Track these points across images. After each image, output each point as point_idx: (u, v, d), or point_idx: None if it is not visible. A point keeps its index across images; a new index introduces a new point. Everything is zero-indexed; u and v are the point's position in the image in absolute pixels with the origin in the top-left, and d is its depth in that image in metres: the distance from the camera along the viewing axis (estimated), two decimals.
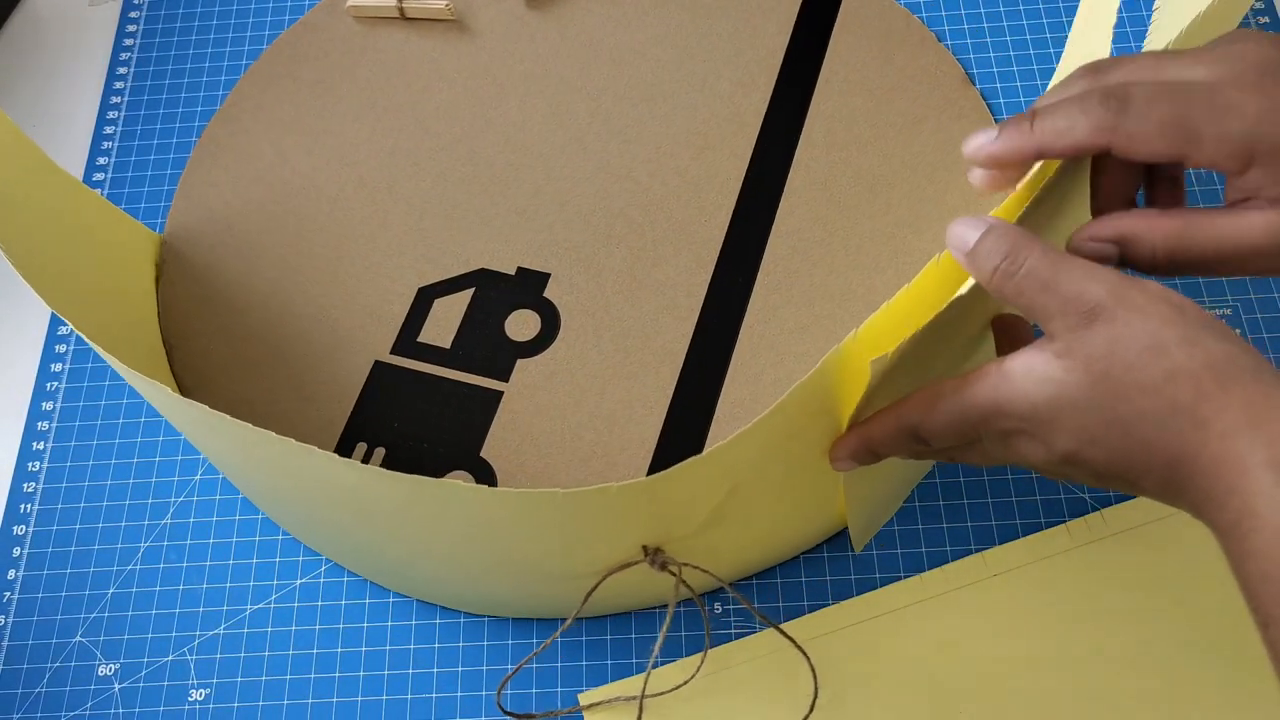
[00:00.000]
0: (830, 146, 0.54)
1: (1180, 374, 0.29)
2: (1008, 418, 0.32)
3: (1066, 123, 0.33)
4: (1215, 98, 0.31)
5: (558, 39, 0.59)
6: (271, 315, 0.52)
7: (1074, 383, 0.31)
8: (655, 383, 0.49)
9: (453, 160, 0.56)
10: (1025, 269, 0.32)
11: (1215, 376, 0.29)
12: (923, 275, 0.34)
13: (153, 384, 0.35)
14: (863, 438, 0.36)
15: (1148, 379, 0.30)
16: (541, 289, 0.52)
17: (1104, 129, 0.32)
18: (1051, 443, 0.32)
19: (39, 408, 0.53)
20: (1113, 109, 0.32)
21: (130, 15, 0.64)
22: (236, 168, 0.57)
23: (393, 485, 0.34)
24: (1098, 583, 0.44)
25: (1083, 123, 0.33)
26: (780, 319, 0.50)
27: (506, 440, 0.48)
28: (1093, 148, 0.33)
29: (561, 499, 0.33)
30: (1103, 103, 0.32)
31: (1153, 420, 0.30)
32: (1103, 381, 0.30)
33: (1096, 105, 0.32)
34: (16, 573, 0.49)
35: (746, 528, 0.41)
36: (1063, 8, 0.59)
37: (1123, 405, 0.30)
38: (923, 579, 0.45)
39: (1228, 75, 0.32)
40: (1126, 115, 0.32)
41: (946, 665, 0.44)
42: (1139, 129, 0.32)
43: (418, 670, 0.46)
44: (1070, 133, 0.33)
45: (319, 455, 0.33)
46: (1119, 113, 0.32)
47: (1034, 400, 0.31)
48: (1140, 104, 0.32)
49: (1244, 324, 0.50)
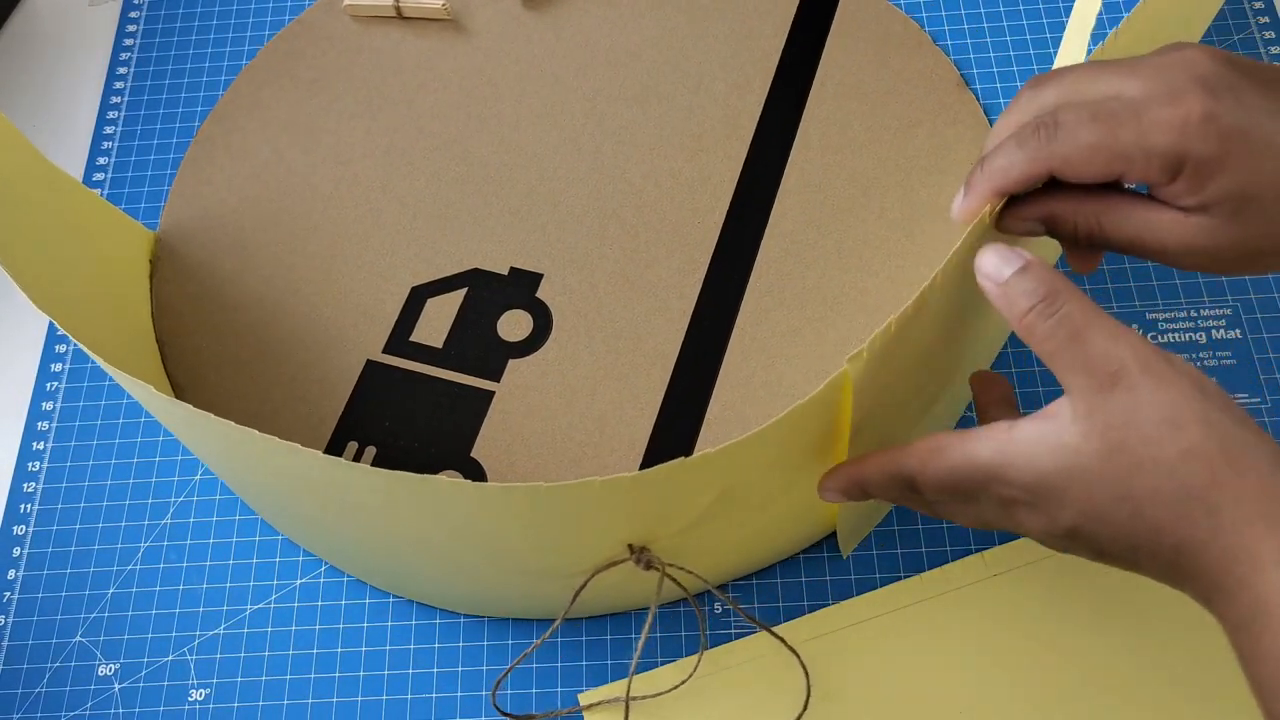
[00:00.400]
0: (825, 149, 0.54)
1: (1196, 453, 0.29)
2: (1010, 485, 0.32)
3: (1006, 160, 0.34)
4: (1143, 115, 0.32)
5: (554, 39, 0.59)
6: (265, 313, 0.53)
7: (1089, 451, 0.30)
8: (646, 384, 0.49)
9: (447, 160, 0.56)
10: (1060, 315, 0.31)
11: (1230, 461, 0.29)
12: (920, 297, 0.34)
13: (138, 382, 0.35)
14: (854, 477, 0.36)
15: (1163, 455, 0.29)
16: (534, 289, 0.52)
17: (1040, 158, 0.33)
18: (1056, 515, 0.31)
19: (39, 408, 0.53)
20: (1043, 138, 0.33)
21: (130, 15, 0.64)
22: (232, 166, 0.57)
23: (378, 482, 0.34)
24: (1097, 583, 0.44)
25: (1020, 157, 0.33)
26: (772, 321, 0.50)
27: (497, 440, 0.49)
28: (1037, 176, 0.34)
29: (545, 493, 0.33)
30: (1034, 133, 0.33)
31: (1165, 501, 0.29)
32: (1118, 453, 0.30)
33: (1030, 136, 0.33)
34: (16, 573, 0.49)
35: (735, 531, 0.42)
36: (1062, 8, 0.59)
37: (1136, 481, 0.29)
38: (923, 579, 0.45)
39: (1159, 89, 0.32)
40: (1058, 142, 0.33)
41: (946, 665, 0.44)
42: (1072, 153, 0.33)
43: (418, 670, 0.46)
44: (1014, 168, 0.34)
45: (305, 454, 0.33)
46: (1049, 140, 0.33)
47: (1042, 469, 0.31)
48: (1069, 129, 0.33)
49: (1244, 324, 0.50)
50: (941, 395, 0.45)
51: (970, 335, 0.43)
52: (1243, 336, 0.50)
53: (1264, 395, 0.49)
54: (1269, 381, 0.49)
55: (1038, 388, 0.50)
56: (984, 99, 0.56)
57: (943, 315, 0.37)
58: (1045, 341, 0.32)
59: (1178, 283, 0.51)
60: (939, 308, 0.36)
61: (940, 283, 0.34)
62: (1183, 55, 0.33)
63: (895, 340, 0.34)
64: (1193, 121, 0.31)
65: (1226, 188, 0.32)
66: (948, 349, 0.41)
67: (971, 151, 0.54)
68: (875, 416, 0.38)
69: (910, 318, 0.33)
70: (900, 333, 0.33)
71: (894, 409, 0.40)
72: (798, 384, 0.49)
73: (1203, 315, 0.51)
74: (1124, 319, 0.51)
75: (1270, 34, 0.57)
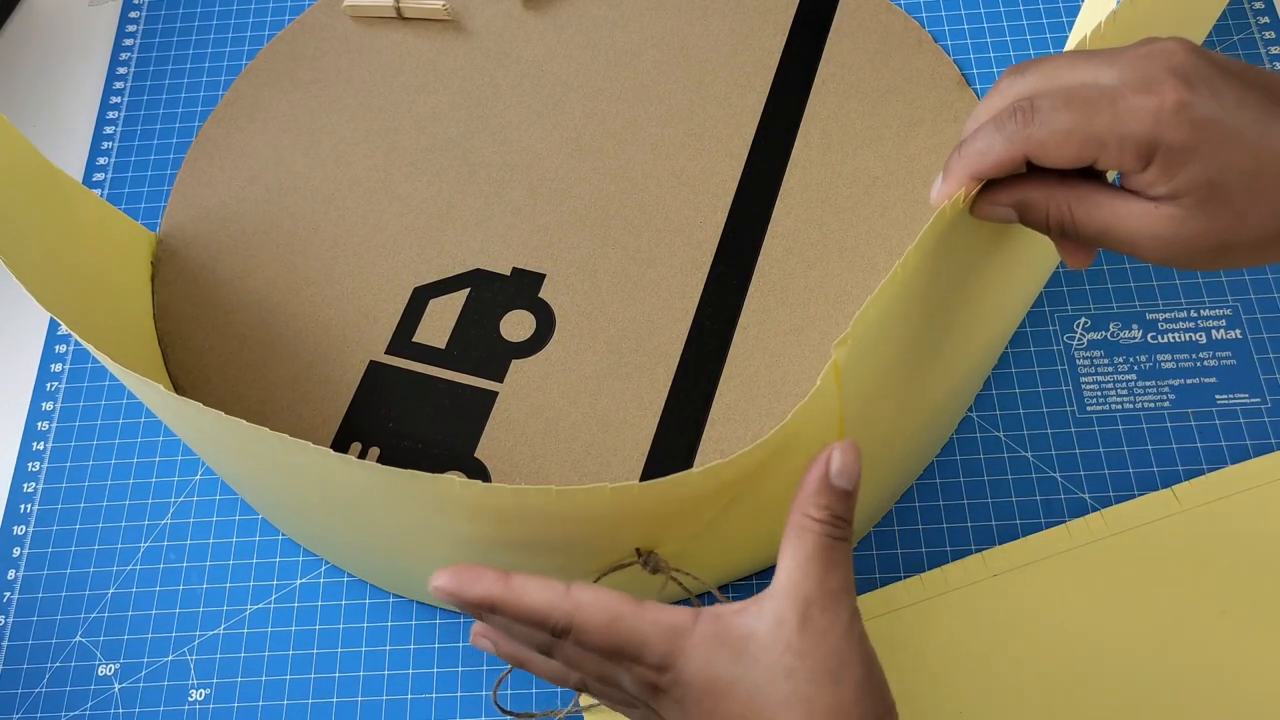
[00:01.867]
0: (826, 148, 0.54)
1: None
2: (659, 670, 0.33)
3: (984, 144, 0.34)
4: (1118, 102, 0.32)
5: (554, 39, 0.59)
6: (267, 314, 0.52)
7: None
8: (650, 384, 0.49)
9: (448, 160, 0.56)
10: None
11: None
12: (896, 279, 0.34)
13: (145, 381, 0.35)
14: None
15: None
16: (536, 289, 0.52)
17: (1017, 141, 0.33)
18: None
19: (39, 408, 0.53)
20: (1019, 122, 0.33)
21: (130, 15, 0.64)
22: (232, 167, 0.57)
23: (388, 480, 0.33)
24: (1098, 583, 0.44)
25: (997, 140, 0.34)
26: (775, 320, 0.50)
27: (501, 440, 0.49)
28: (1014, 160, 0.34)
29: (555, 496, 0.33)
30: (1011, 116, 0.34)
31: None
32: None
33: (1007, 120, 0.34)
34: (16, 573, 0.49)
35: (740, 534, 0.41)
36: (1062, 8, 0.59)
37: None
38: (923, 579, 0.45)
39: (1135, 78, 0.32)
40: (1033, 125, 0.33)
41: (945, 665, 0.44)
42: (1048, 137, 0.33)
43: (418, 670, 0.46)
44: (991, 152, 0.34)
45: (313, 451, 0.33)
46: (1026, 124, 0.33)
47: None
48: (1046, 113, 0.33)
49: (1244, 324, 0.50)
50: (941, 391, 0.45)
51: (961, 324, 0.43)
52: (1243, 336, 0.50)
53: (1264, 395, 0.49)
54: (1269, 381, 0.49)
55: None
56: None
57: (925, 298, 0.37)
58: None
59: (1178, 283, 0.52)
60: (919, 288, 0.36)
61: (914, 260, 0.34)
62: (1160, 46, 0.33)
63: (878, 323, 0.33)
64: (1166, 109, 0.32)
65: (1196, 177, 0.32)
66: (940, 336, 0.41)
67: None
68: (870, 406, 0.38)
69: (886, 295, 0.33)
70: (881, 313, 0.33)
71: (888, 400, 0.40)
72: (801, 382, 0.49)
73: (1203, 315, 0.51)
74: (1124, 319, 0.51)
75: (1270, 34, 0.57)
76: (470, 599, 0.33)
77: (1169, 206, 0.33)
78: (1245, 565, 0.44)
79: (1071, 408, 0.49)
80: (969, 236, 0.37)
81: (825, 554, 0.33)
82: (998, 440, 0.49)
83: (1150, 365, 0.50)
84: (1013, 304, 0.49)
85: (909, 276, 0.34)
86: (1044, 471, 0.48)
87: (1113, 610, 0.44)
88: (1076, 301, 0.51)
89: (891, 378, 0.38)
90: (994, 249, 0.40)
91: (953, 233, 0.35)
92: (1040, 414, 0.49)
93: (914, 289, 0.35)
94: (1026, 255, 0.46)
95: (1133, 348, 0.50)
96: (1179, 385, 0.49)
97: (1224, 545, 0.45)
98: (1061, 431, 0.49)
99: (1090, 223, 0.34)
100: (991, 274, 0.42)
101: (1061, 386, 0.49)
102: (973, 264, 0.39)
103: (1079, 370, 0.50)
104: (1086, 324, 0.51)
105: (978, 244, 0.38)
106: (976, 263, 0.39)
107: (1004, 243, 0.40)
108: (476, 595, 0.33)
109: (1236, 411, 0.48)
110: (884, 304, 0.33)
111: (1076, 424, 0.49)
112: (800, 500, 0.33)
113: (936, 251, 0.35)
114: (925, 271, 0.35)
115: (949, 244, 0.35)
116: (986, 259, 0.40)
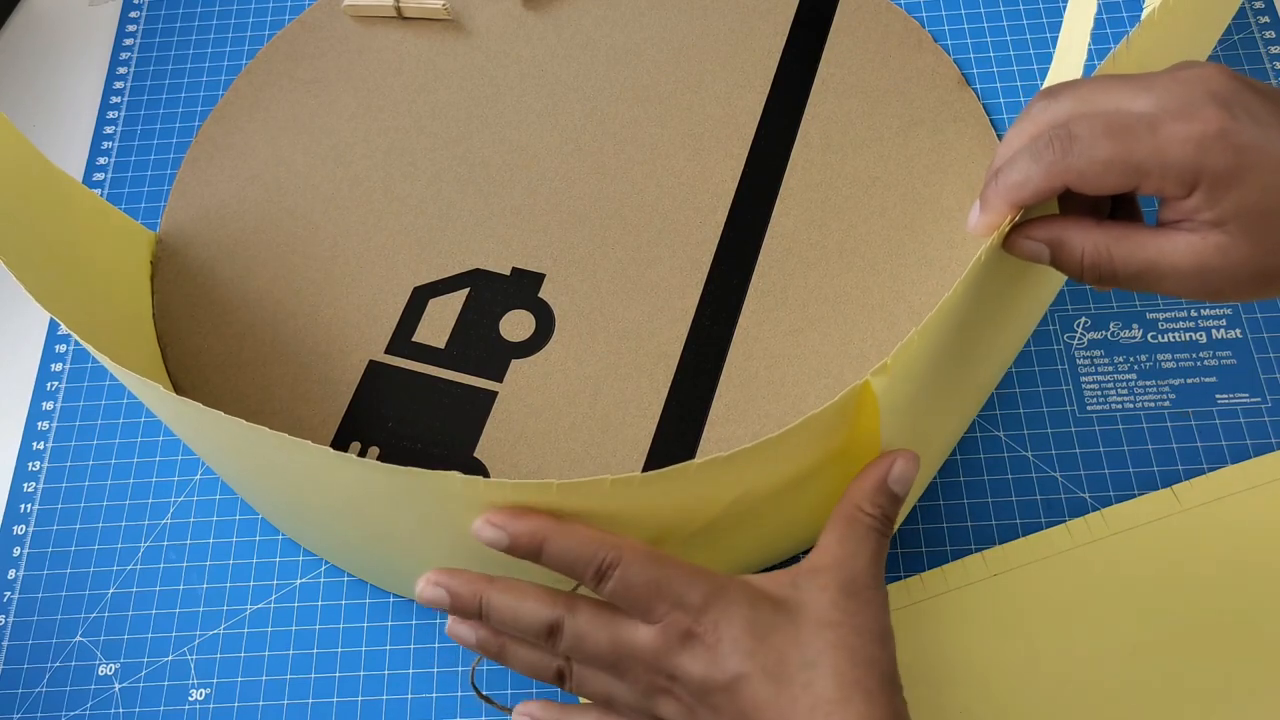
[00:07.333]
0: (826, 148, 0.54)
1: None
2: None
3: (1022, 175, 0.34)
4: (1158, 130, 0.32)
5: (554, 39, 0.59)
6: (266, 314, 0.52)
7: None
8: (649, 384, 0.49)
9: (448, 160, 0.56)
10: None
11: None
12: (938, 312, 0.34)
13: (145, 381, 0.35)
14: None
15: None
16: (536, 289, 0.52)
17: (1056, 171, 0.33)
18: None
19: (39, 408, 0.53)
20: (1058, 150, 0.33)
21: (130, 15, 0.64)
22: (232, 166, 0.57)
23: (387, 478, 0.34)
24: (1098, 583, 0.44)
25: (1036, 171, 0.34)
26: (775, 321, 0.50)
27: (500, 440, 0.49)
28: (1053, 190, 0.34)
29: (556, 491, 0.33)
30: (1049, 145, 0.33)
31: None
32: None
33: (1044, 149, 0.33)
34: (16, 573, 0.49)
35: (742, 533, 0.41)
36: (1062, 7, 0.59)
37: None
38: (923, 579, 0.45)
39: (1172, 104, 0.32)
40: (1072, 155, 0.33)
41: (945, 665, 0.44)
42: (1088, 167, 0.33)
43: (418, 670, 0.46)
44: (1030, 183, 0.34)
45: (313, 450, 0.33)
46: (1065, 153, 0.33)
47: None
48: (1085, 143, 0.33)
49: (1244, 324, 0.50)
50: (956, 415, 0.45)
51: (984, 347, 0.43)
52: (1243, 336, 0.50)
53: (1264, 395, 0.49)
54: (1269, 381, 0.49)
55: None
56: (984, 98, 0.56)
57: (959, 326, 0.37)
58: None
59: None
60: (955, 317, 0.36)
61: (960, 291, 0.34)
62: (1197, 72, 0.33)
63: (916, 354, 0.33)
64: (1209, 136, 0.32)
65: (1242, 202, 0.32)
66: (964, 361, 0.41)
67: (973, 150, 0.54)
68: (903, 422, 0.38)
69: (933, 327, 0.33)
70: (921, 346, 0.33)
71: (922, 414, 0.40)
72: (801, 383, 0.49)
73: (1203, 315, 0.51)
74: (1124, 319, 0.51)
75: (1270, 34, 0.57)
76: (519, 532, 0.34)
77: (1215, 235, 0.32)
78: (1245, 565, 0.44)
79: (1072, 407, 0.49)
80: (1001, 265, 0.37)
81: (873, 544, 0.34)
82: (998, 440, 0.49)
83: (1150, 365, 0.50)
84: (1028, 323, 0.49)
85: (954, 305, 0.34)
86: (1044, 471, 0.48)
87: (1113, 610, 0.44)
88: (1077, 301, 0.51)
89: (916, 403, 0.38)
90: (1020, 276, 0.40)
91: (991, 263, 0.35)
92: (1040, 414, 0.49)
93: (951, 318, 0.35)
94: (1049, 279, 0.46)
95: (1133, 347, 0.50)
96: (1179, 385, 0.49)
97: (1224, 545, 0.45)
98: (1062, 431, 0.49)
99: (1131, 263, 0.34)
100: (1016, 299, 0.42)
101: (1062, 386, 0.49)
102: (998, 292, 0.39)
103: (1079, 370, 0.50)
104: (1087, 323, 0.51)
105: (1007, 271, 0.38)
106: (1002, 291, 0.40)
107: (1031, 267, 0.39)
108: (527, 528, 0.33)
109: (1237, 411, 0.48)
110: (930, 335, 0.33)
111: (1077, 423, 0.49)
112: (855, 494, 0.35)
113: (976, 282, 0.35)
114: (964, 300, 0.35)
115: (988, 273, 0.35)
116: (1011, 286, 0.40)
